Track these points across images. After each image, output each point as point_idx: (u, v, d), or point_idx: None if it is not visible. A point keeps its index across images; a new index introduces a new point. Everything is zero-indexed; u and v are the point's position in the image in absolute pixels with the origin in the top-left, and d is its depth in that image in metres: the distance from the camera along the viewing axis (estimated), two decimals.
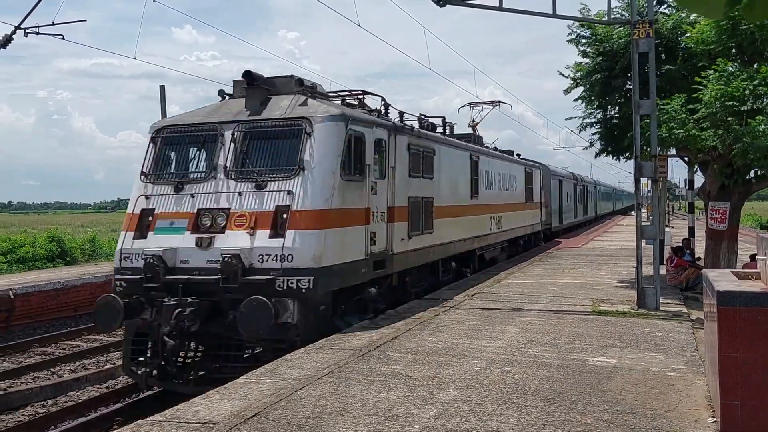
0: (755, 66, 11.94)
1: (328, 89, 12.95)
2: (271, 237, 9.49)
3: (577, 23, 14.36)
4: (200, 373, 9.70)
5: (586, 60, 14.53)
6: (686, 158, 16.50)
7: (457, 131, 18.72)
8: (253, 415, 5.86)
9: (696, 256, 17.28)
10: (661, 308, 11.29)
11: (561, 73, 15.12)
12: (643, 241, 11.81)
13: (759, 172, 12.99)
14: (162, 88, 22.06)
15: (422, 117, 15.21)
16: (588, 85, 14.39)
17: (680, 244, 16.99)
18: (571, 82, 14.87)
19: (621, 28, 13.50)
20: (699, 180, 17.92)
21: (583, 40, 14.40)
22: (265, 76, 11.34)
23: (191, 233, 9.90)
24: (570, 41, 14.55)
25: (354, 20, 16.92)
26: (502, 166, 21.48)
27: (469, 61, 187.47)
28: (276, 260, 9.27)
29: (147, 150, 11.02)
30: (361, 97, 12.99)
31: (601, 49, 14.03)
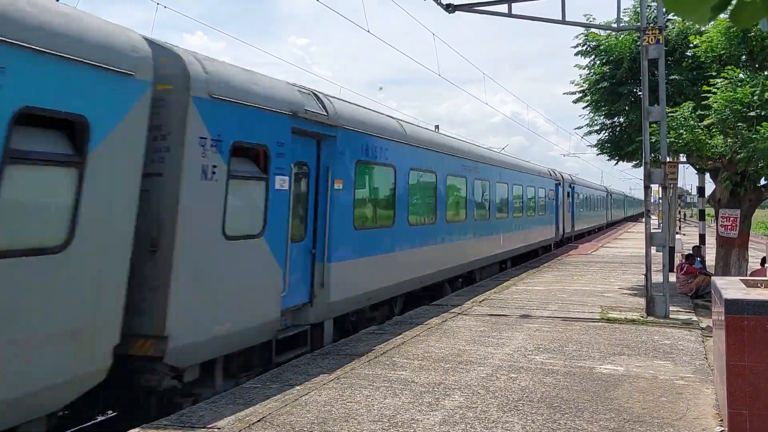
0: (765, 73, 11.87)
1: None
2: None
3: (581, 39, 14.47)
4: None
5: (592, 71, 14.65)
6: (696, 165, 16.43)
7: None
8: (258, 420, 5.87)
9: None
10: (671, 316, 11.22)
11: (569, 93, 15.36)
12: (653, 248, 11.75)
13: None
14: None
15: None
16: (595, 94, 14.48)
17: (691, 252, 16.87)
18: (580, 93, 15.04)
19: (626, 36, 13.51)
20: (710, 187, 17.85)
21: (590, 51, 14.49)
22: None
23: None
24: (577, 53, 14.67)
25: (364, 27, 16.97)
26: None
27: (479, 68, 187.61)
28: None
29: None
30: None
31: (605, 60, 14.09)
